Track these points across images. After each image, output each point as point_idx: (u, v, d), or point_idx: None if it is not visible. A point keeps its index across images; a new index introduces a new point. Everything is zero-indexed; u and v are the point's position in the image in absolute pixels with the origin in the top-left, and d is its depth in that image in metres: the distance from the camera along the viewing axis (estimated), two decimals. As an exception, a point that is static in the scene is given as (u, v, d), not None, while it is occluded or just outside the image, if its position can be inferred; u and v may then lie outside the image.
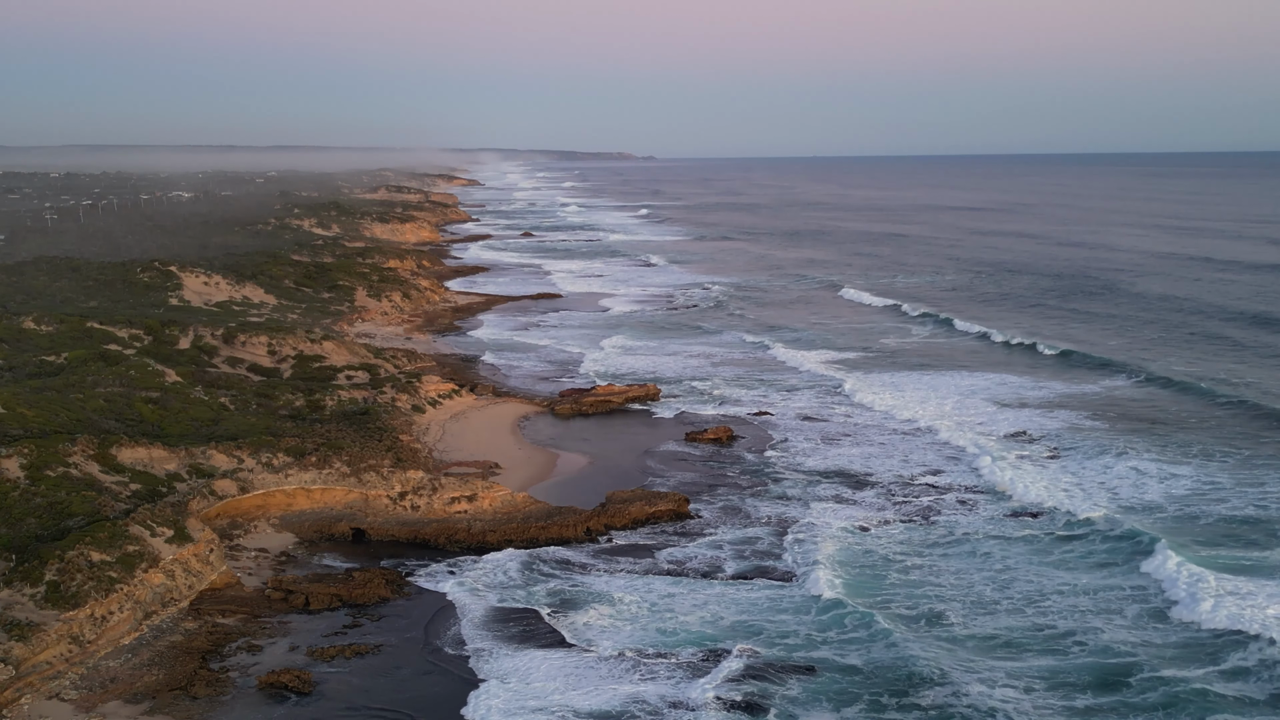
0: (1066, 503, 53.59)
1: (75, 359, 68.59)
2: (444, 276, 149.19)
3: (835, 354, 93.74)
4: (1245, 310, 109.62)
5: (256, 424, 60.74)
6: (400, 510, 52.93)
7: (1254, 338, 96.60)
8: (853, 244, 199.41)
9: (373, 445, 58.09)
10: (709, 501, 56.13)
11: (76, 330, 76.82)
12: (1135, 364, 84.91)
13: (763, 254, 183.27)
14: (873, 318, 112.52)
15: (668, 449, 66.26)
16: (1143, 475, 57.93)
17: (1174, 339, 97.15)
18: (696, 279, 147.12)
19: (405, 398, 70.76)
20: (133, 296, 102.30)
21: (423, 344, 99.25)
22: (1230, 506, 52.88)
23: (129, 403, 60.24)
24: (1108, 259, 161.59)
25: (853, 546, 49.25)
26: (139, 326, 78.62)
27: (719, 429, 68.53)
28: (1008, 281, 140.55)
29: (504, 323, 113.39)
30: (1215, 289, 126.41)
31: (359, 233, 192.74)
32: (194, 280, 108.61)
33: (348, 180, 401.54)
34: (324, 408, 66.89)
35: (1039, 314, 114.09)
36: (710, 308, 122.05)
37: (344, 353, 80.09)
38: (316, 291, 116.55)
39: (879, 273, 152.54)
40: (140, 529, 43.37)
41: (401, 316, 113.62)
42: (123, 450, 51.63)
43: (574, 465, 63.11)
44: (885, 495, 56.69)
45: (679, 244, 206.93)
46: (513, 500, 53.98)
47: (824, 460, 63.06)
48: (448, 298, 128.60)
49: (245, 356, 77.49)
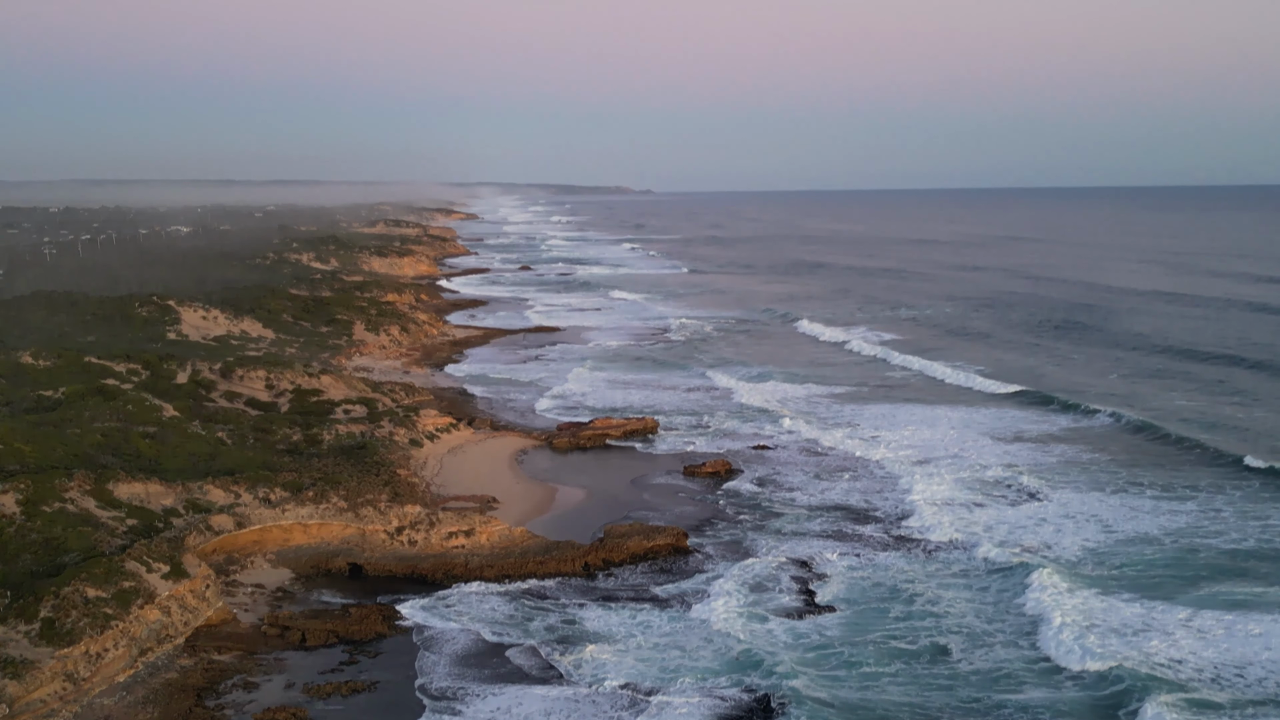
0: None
1: (73, 394, 68.47)
2: (442, 310, 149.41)
3: (835, 388, 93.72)
4: (1231, 349, 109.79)
5: (254, 459, 60.56)
6: (397, 545, 52.68)
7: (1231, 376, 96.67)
8: (847, 278, 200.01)
9: (370, 480, 57.90)
10: (708, 536, 55.91)
11: (74, 365, 76.73)
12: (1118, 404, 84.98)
13: (759, 289, 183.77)
14: (870, 351, 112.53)
15: (666, 483, 66.09)
16: (1103, 523, 57.50)
17: (1148, 376, 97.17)
18: (694, 313, 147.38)
19: (403, 432, 70.62)
20: (131, 331, 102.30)
21: (421, 378, 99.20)
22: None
23: (126, 437, 60.07)
24: (1101, 296, 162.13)
25: (858, 581, 49.02)
26: (137, 361, 78.54)
27: (717, 463, 68.38)
28: (1005, 317, 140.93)
29: (501, 356, 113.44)
30: (1200, 326, 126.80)
31: (357, 267, 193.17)
32: (192, 314, 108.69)
33: (346, 214, 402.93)
34: (321, 442, 66.73)
35: (1059, 356, 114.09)
36: (707, 342, 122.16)
37: (342, 387, 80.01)
38: (314, 325, 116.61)
39: (877, 306, 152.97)
40: (136, 565, 43.12)
41: (400, 350, 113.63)
42: (119, 485, 51.42)
43: (572, 499, 62.90)
44: (887, 529, 56.50)
45: (676, 278, 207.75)
46: (510, 535, 53.75)
47: (825, 495, 62.87)
48: (446, 331, 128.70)
49: (243, 391, 77.39)
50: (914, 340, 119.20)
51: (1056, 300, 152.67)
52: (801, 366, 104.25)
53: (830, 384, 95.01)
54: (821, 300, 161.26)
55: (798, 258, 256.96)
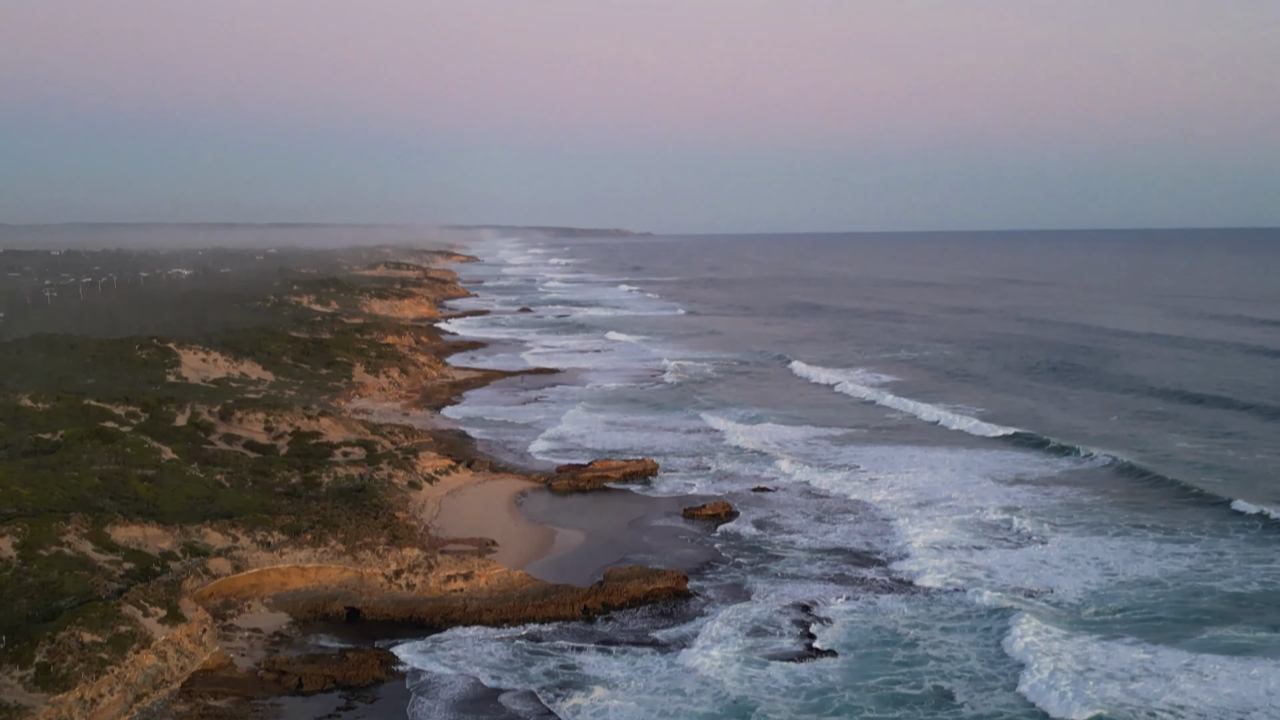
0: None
1: (71, 436, 68.38)
2: (442, 352, 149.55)
3: (834, 430, 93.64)
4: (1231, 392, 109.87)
5: (252, 501, 60.40)
6: (395, 589, 52.38)
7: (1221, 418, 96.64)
8: (844, 320, 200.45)
9: (368, 522, 57.69)
10: (709, 579, 55.62)
11: (73, 407, 76.71)
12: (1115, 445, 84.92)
13: (757, 330, 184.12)
14: (868, 393, 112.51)
15: (666, 525, 65.86)
16: (1105, 566, 57.31)
17: (1148, 419, 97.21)
18: (693, 355, 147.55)
19: (402, 474, 70.48)
20: (130, 373, 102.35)
21: (420, 420, 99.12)
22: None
23: (124, 480, 59.93)
24: (1099, 338, 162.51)
25: (859, 625, 48.71)
26: (136, 403, 78.54)
27: (717, 505, 68.18)
28: (1003, 359, 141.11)
29: (501, 398, 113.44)
30: (1199, 369, 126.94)
31: (357, 309, 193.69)
32: (192, 357, 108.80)
33: (347, 257, 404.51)
34: (320, 484, 66.56)
35: (1065, 402, 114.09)
36: (706, 384, 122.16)
37: (341, 429, 79.94)
38: (314, 368, 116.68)
39: (875, 348, 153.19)
40: (133, 609, 42.85)
41: (399, 392, 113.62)
42: (117, 529, 51.24)
43: (571, 542, 62.63)
44: (888, 572, 56.21)
45: (675, 320, 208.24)
46: (509, 578, 53.47)
47: (825, 537, 62.61)
48: (445, 373, 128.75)
49: (242, 433, 77.30)
50: (913, 382, 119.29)
51: (1054, 342, 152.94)
52: (800, 408, 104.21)
53: (829, 426, 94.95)
54: (819, 342, 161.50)
55: (796, 300, 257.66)
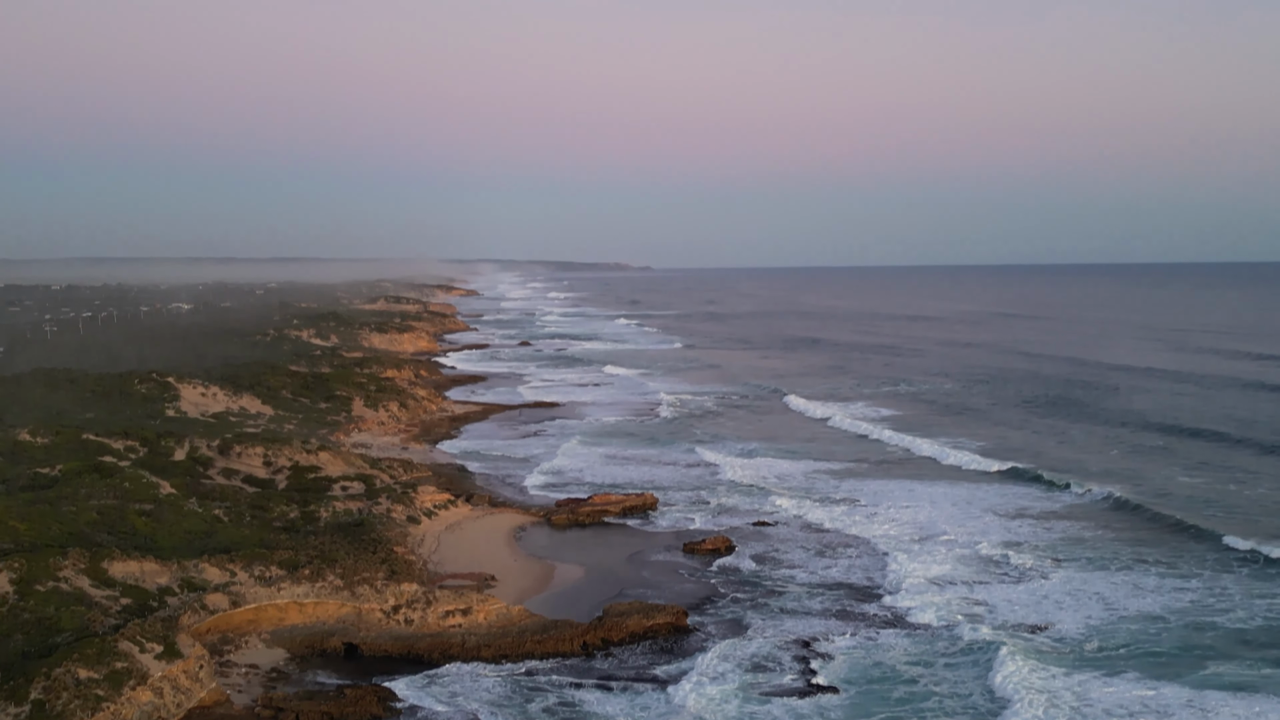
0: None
1: (69, 471, 68.26)
2: (441, 386, 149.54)
3: (833, 464, 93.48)
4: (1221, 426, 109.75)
5: (250, 536, 60.19)
6: (394, 624, 52.08)
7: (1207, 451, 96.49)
8: (843, 354, 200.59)
9: (367, 557, 57.46)
10: (709, 614, 55.32)
11: (72, 442, 76.62)
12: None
13: (756, 364, 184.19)
14: (868, 427, 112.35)
15: (665, 560, 65.58)
16: (1107, 601, 57.16)
17: (1148, 453, 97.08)
18: (693, 389, 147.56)
19: (400, 508, 70.27)
20: (130, 408, 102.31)
21: (419, 454, 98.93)
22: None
23: (122, 515, 59.76)
24: (1098, 372, 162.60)
25: (859, 660, 48.40)
26: (135, 438, 78.46)
27: (717, 539, 67.93)
28: (1002, 393, 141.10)
29: (500, 432, 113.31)
30: (1199, 404, 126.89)
31: (357, 343, 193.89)
32: (191, 391, 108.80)
33: (347, 291, 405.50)
34: (319, 519, 66.36)
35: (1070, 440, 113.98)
36: (706, 418, 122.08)
37: (340, 463, 79.80)
38: (314, 402, 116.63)
39: (875, 382, 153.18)
40: (129, 645, 42.60)
41: (398, 426, 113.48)
42: (114, 564, 51.03)
43: (570, 577, 62.34)
44: (889, 607, 55.90)
45: (674, 353, 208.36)
46: (508, 614, 53.18)
47: (826, 572, 62.33)
48: (445, 407, 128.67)
49: (240, 467, 77.16)
50: (912, 416, 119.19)
51: (1053, 377, 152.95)
52: (799, 442, 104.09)
53: (829, 460, 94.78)
54: (818, 376, 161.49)
55: (794, 333, 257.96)
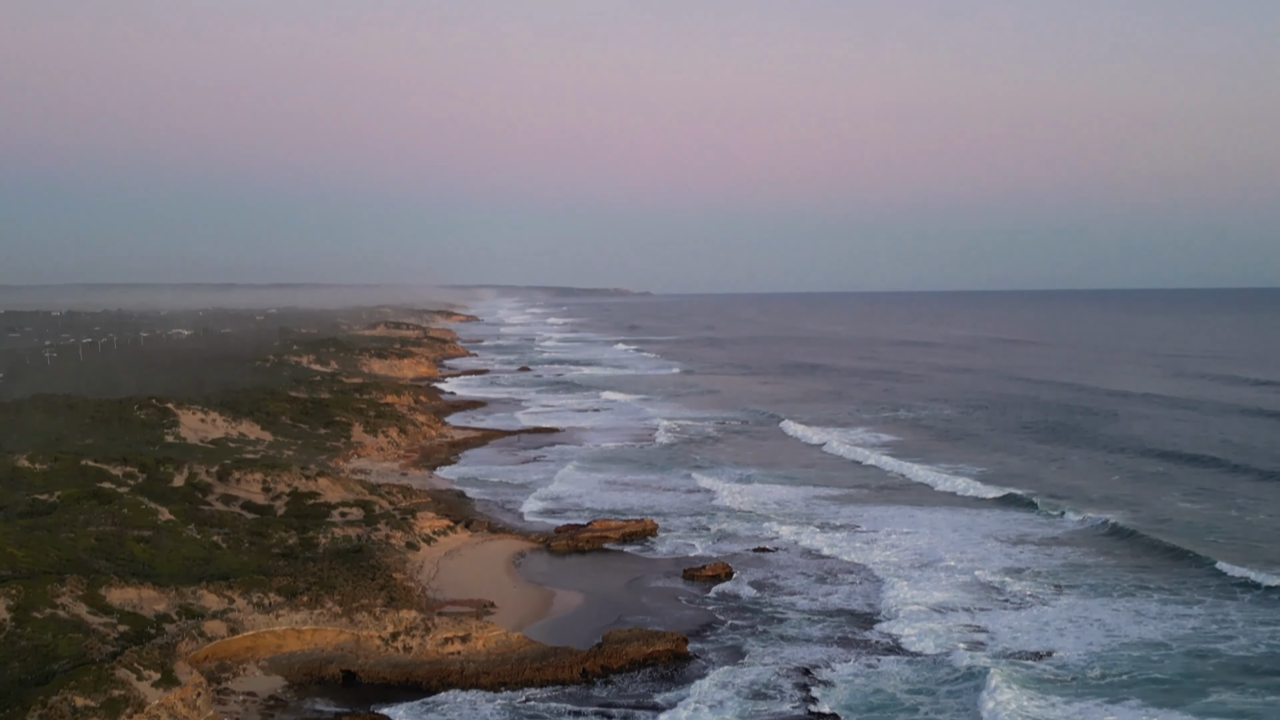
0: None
1: (68, 497, 68.09)
2: (441, 411, 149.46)
3: (834, 490, 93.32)
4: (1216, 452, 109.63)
5: (248, 563, 59.96)
6: (392, 651, 51.80)
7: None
8: (842, 379, 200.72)
9: (366, 584, 57.23)
10: (709, 641, 55.05)
11: (71, 468, 76.45)
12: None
13: (756, 389, 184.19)
14: (868, 453, 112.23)
15: (665, 586, 65.32)
16: (1108, 628, 56.96)
17: (1150, 480, 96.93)
18: (692, 414, 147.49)
19: (399, 534, 70.05)
20: (129, 434, 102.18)
21: (418, 479, 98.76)
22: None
23: (120, 541, 59.56)
24: (1098, 399, 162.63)
25: (860, 688, 48.12)
26: (133, 464, 78.31)
27: (717, 565, 67.68)
28: (1002, 419, 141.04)
29: (500, 457, 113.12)
30: (1199, 430, 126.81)
31: (357, 369, 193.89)
32: (190, 417, 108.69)
33: (347, 317, 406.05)
34: (317, 545, 66.15)
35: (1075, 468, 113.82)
36: (705, 443, 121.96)
37: (339, 489, 79.62)
38: (313, 427, 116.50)
39: (874, 408, 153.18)
40: (126, 672, 42.34)
41: (398, 452, 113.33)
42: (112, 590, 50.80)
43: (570, 603, 62.08)
44: (889, 634, 55.63)
45: (674, 378, 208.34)
46: (507, 640, 52.91)
47: (827, 599, 62.07)
48: (444, 433, 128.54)
49: (239, 494, 76.98)
50: (912, 442, 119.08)
51: (1053, 402, 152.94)
52: (799, 468, 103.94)
53: (829, 486, 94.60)
54: (817, 401, 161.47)
55: (793, 359, 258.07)
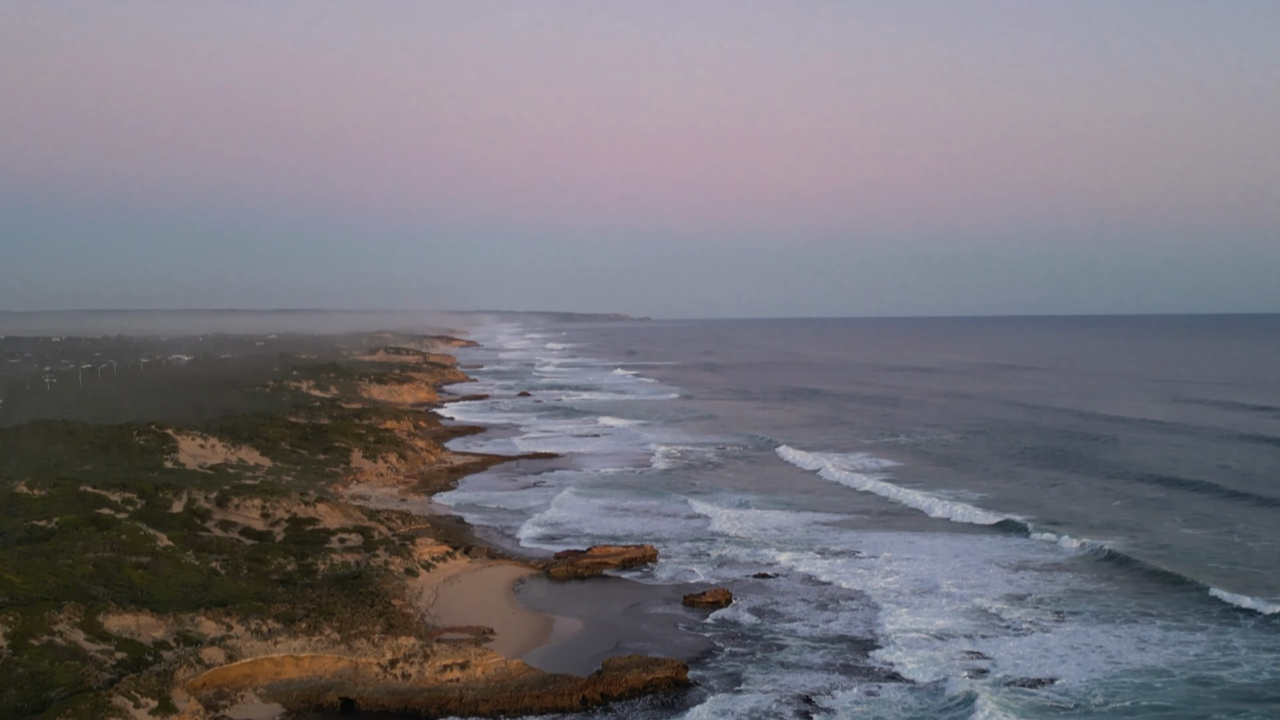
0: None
1: (66, 523, 67.93)
2: (440, 437, 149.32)
3: (833, 516, 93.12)
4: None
5: (247, 589, 59.74)
6: (391, 679, 51.53)
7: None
8: (842, 405, 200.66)
9: (364, 610, 57.01)
10: (709, 668, 54.78)
11: (69, 494, 76.33)
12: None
13: (755, 415, 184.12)
14: (868, 479, 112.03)
15: (665, 612, 65.06)
16: (1110, 655, 56.74)
17: (1151, 506, 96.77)
18: (692, 439, 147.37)
19: (398, 561, 69.83)
20: (128, 460, 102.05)
21: (418, 505, 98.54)
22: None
23: (119, 568, 59.36)
24: (1098, 424, 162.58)
25: (860, 716, 47.85)
26: (132, 490, 78.18)
27: (717, 592, 67.45)
28: (1002, 445, 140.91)
29: (499, 483, 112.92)
30: (1200, 456, 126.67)
31: (357, 394, 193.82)
32: (190, 443, 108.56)
33: (347, 342, 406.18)
34: (316, 572, 65.93)
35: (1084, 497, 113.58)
36: (705, 469, 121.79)
37: (338, 515, 79.45)
38: (312, 453, 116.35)
39: (875, 434, 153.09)
40: (123, 700, 42.12)
41: (397, 477, 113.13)
42: (110, 617, 50.60)
43: (569, 630, 61.82)
44: (890, 661, 55.35)
45: (673, 404, 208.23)
46: (506, 668, 52.66)
47: (827, 626, 61.81)
48: (444, 458, 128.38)
49: (238, 520, 76.81)
50: (912, 467, 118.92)
51: (1053, 428, 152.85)
52: (798, 494, 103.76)
53: (829, 511, 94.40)
54: (817, 427, 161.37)
55: (793, 384, 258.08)
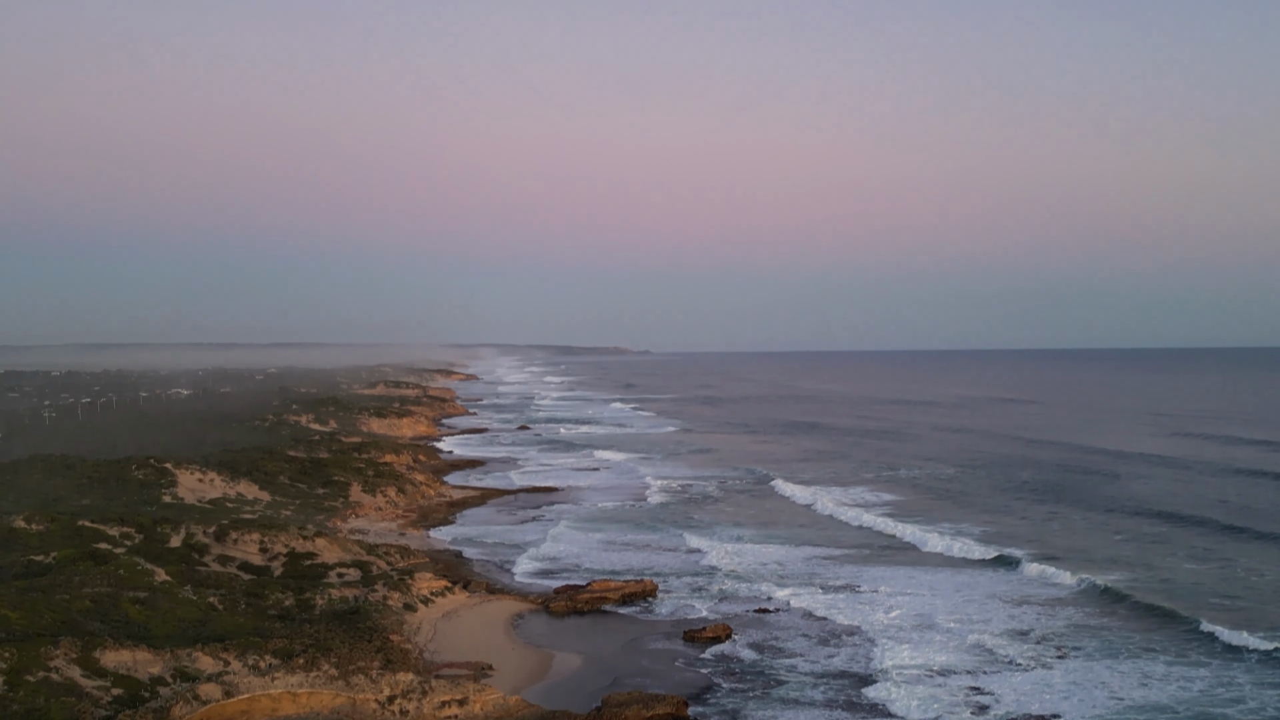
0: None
1: (64, 558, 67.65)
2: (440, 471, 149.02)
3: (833, 550, 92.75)
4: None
5: (245, 624, 59.40)
6: (389, 715, 51.09)
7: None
8: (841, 439, 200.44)
9: (362, 646, 56.65)
10: (710, 704, 54.36)
11: (67, 529, 76.07)
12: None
13: (754, 449, 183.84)
14: (867, 513, 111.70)
15: (665, 648, 64.65)
16: (1113, 691, 56.40)
17: (1152, 541, 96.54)
18: (691, 473, 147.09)
19: (397, 595, 69.48)
20: (126, 494, 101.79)
21: (416, 539, 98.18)
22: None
23: (116, 603, 59.04)
24: (1098, 459, 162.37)
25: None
26: (130, 524, 77.92)
27: (717, 627, 67.07)
28: (1003, 479, 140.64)
29: (499, 517, 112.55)
30: (1202, 491, 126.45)
31: (356, 428, 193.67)
32: (188, 477, 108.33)
33: (347, 376, 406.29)
34: (314, 606, 65.58)
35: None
36: (704, 502, 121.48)
37: (336, 549, 79.15)
38: (311, 487, 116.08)
39: (874, 467, 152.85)
40: (119, 737, 41.73)
41: (396, 511, 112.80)
42: (106, 653, 50.27)
43: (569, 666, 61.42)
44: (891, 697, 54.94)
45: (673, 437, 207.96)
46: (505, 704, 52.26)
47: (829, 661, 61.41)
48: (443, 492, 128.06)
49: (236, 554, 76.50)
50: (912, 502, 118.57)
51: (1052, 462, 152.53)
52: (798, 528, 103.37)
53: (829, 546, 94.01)
54: (816, 461, 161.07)
55: (791, 418, 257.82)
